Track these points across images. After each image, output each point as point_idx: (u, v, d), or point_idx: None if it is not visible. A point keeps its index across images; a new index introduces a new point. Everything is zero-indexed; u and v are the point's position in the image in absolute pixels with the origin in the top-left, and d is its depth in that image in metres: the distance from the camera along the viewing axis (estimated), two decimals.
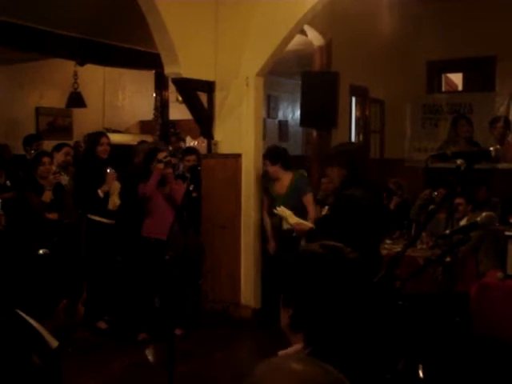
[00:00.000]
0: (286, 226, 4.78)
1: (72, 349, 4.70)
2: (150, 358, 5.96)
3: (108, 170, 6.45)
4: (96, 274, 6.27)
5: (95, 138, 6.62)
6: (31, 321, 2.26)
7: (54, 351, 2.32)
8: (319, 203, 7.45)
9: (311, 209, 6.35)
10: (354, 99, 10.50)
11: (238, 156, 6.89)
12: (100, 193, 6.37)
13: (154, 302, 6.33)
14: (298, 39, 7.76)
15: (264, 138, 7.61)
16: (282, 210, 4.52)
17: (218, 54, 6.95)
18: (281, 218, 5.03)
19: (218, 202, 6.94)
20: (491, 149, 2.34)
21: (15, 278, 2.36)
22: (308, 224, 4.24)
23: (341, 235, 3.92)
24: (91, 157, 6.54)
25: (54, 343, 2.31)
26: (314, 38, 9.05)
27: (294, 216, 4.42)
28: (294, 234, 4.67)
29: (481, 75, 11.08)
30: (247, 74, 6.81)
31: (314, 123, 8.70)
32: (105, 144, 6.49)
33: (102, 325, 6.43)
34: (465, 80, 11.82)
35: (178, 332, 5.96)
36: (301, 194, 6.36)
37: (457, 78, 12.63)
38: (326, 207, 6.31)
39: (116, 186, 6.51)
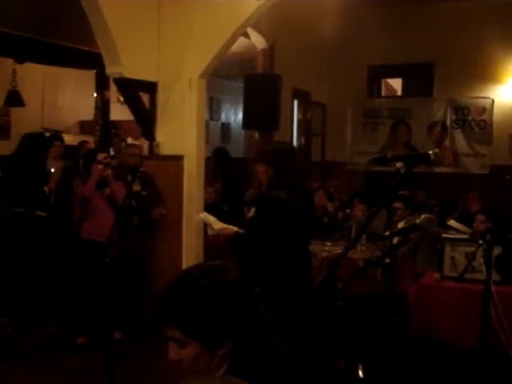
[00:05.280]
0: (210, 232, 4.66)
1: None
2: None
3: (52, 170, 6.65)
4: (37, 272, 6.23)
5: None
6: None
7: None
8: (247, 204, 7.49)
9: None
10: (296, 102, 10.59)
11: (180, 158, 6.84)
12: (46, 190, 6.57)
13: (93, 305, 6.23)
14: (241, 42, 7.77)
15: (206, 140, 7.59)
16: (205, 216, 4.44)
17: (161, 55, 6.90)
18: (205, 224, 4.90)
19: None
20: (430, 152, 2.38)
21: None
22: (233, 228, 4.18)
23: (267, 237, 3.94)
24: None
25: None
26: (257, 41, 9.09)
27: (218, 221, 4.32)
28: (221, 239, 4.60)
29: (419, 81, 11.34)
30: (190, 76, 6.78)
31: (256, 125, 8.73)
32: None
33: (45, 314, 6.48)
34: (404, 85, 12.07)
35: (117, 336, 5.88)
36: None
37: (396, 84, 12.89)
38: (253, 209, 6.30)
39: None
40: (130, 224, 6.34)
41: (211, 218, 4.36)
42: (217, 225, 4.28)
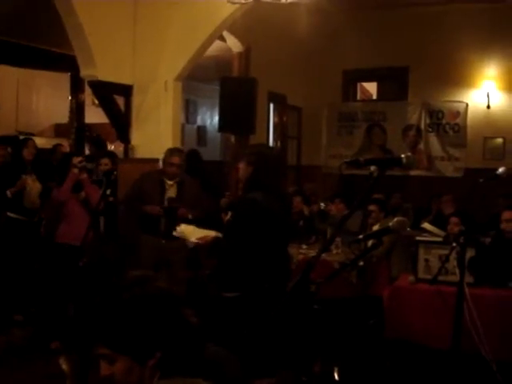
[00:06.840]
0: (191, 245, 4.45)
1: None
2: (64, 367, 5.81)
3: (23, 175, 6.55)
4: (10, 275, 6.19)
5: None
6: None
7: None
8: (223, 210, 7.47)
9: None
10: (272, 106, 10.61)
11: (155, 161, 6.81)
12: (8, 193, 6.39)
13: (67, 309, 6.18)
14: (216, 45, 7.77)
15: (182, 143, 7.57)
16: (181, 231, 4.19)
17: (136, 57, 6.87)
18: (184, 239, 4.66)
19: None
20: (402, 156, 2.39)
21: None
22: (211, 233, 4.10)
23: (244, 239, 3.94)
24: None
25: None
26: (233, 44, 9.09)
27: (195, 230, 4.17)
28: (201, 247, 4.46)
29: (394, 85, 11.42)
30: (165, 78, 6.76)
31: (232, 129, 8.72)
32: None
33: (19, 317, 6.40)
34: (379, 89, 12.14)
35: None
36: None
37: (371, 87, 12.96)
38: (229, 212, 6.23)
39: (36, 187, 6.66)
40: (158, 229, 6.15)
41: (187, 230, 4.18)
42: (194, 235, 4.13)
